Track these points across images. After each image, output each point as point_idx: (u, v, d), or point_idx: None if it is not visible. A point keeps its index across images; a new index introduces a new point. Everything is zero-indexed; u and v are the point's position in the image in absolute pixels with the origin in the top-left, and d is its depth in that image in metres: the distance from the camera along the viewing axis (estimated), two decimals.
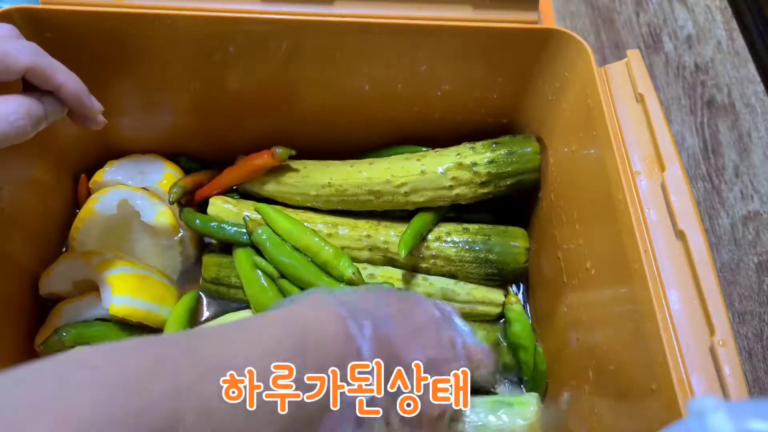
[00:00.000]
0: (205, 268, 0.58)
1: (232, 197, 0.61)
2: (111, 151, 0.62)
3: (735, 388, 0.33)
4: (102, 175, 0.60)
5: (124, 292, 0.52)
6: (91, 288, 0.55)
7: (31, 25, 0.48)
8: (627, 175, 0.42)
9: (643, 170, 0.42)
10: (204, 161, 0.64)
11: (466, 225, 0.59)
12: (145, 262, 0.58)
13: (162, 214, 0.57)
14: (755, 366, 0.59)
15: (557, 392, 0.53)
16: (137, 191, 0.58)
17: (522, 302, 0.59)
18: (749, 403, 0.23)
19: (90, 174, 0.61)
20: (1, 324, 0.51)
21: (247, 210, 0.60)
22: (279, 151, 0.57)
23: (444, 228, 0.58)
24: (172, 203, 0.58)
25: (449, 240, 0.57)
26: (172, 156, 0.63)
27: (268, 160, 0.58)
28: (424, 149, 0.60)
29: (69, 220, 0.59)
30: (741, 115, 0.74)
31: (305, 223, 0.58)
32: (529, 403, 0.51)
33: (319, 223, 0.59)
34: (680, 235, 0.39)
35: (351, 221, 0.59)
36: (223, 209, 0.60)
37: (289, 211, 0.60)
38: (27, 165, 0.55)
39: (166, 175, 0.60)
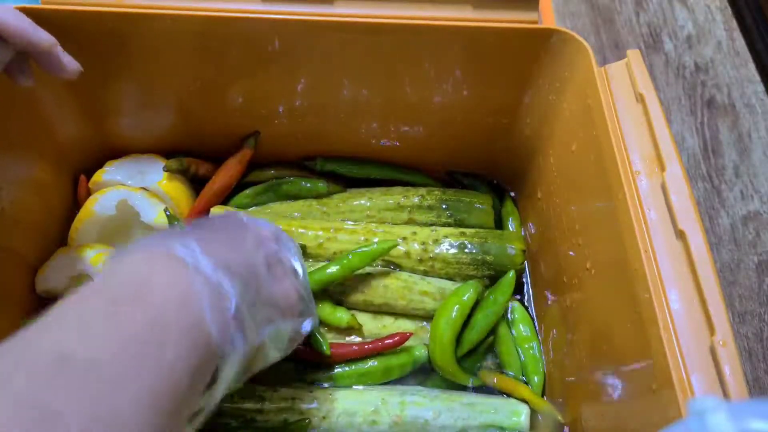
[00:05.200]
0: None
1: (232, 207, 0.62)
2: (111, 151, 0.62)
3: (735, 388, 0.33)
4: (101, 175, 0.60)
5: None
6: None
7: None
8: (627, 175, 0.42)
9: (643, 170, 0.42)
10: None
11: (463, 228, 0.59)
12: None
13: (162, 215, 0.57)
14: (755, 366, 0.59)
15: (557, 392, 0.53)
16: (136, 191, 0.58)
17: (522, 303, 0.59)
18: (749, 403, 0.23)
19: (90, 174, 0.61)
20: (2, 323, 0.51)
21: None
22: (248, 140, 0.62)
23: (441, 231, 0.59)
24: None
25: (446, 243, 0.58)
26: (172, 156, 0.63)
27: (244, 152, 0.62)
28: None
29: (69, 219, 0.59)
30: (741, 115, 0.74)
31: (300, 230, 0.58)
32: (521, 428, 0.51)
33: (319, 230, 0.59)
34: (680, 235, 0.39)
35: (349, 227, 0.59)
36: None
37: (288, 220, 0.60)
38: (27, 165, 0.55)
39: (165, 175, 0.60)
